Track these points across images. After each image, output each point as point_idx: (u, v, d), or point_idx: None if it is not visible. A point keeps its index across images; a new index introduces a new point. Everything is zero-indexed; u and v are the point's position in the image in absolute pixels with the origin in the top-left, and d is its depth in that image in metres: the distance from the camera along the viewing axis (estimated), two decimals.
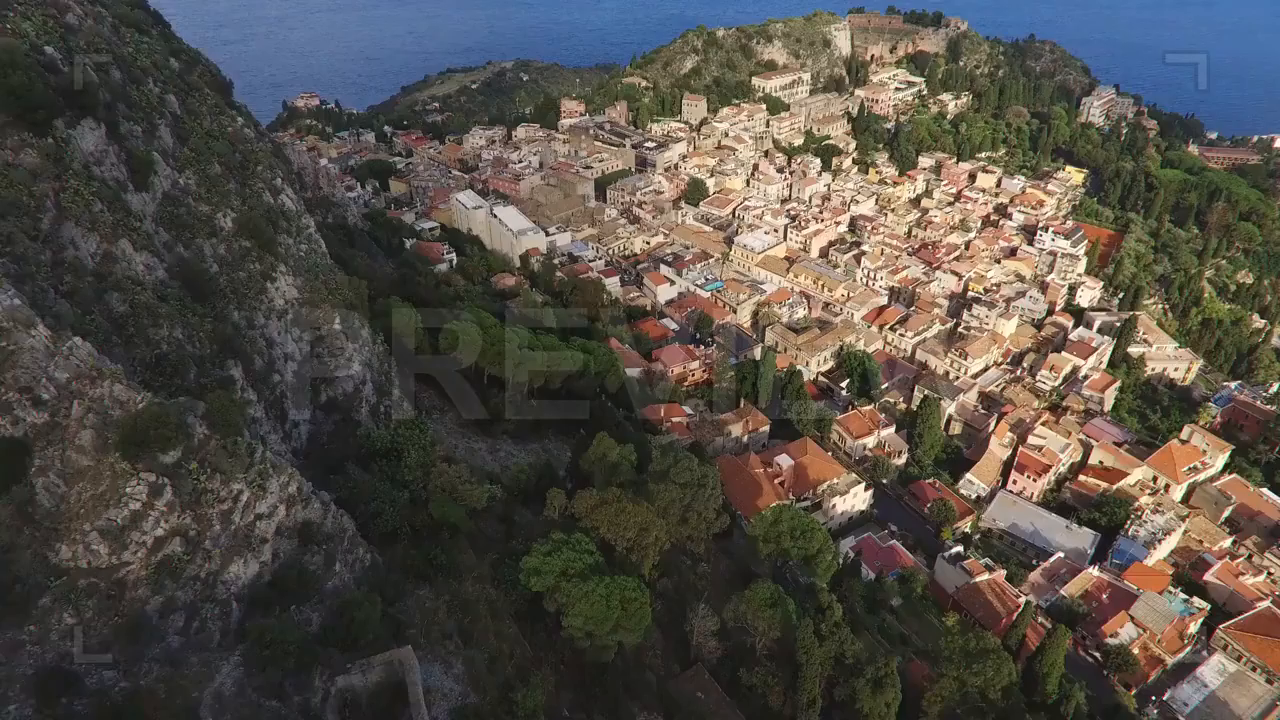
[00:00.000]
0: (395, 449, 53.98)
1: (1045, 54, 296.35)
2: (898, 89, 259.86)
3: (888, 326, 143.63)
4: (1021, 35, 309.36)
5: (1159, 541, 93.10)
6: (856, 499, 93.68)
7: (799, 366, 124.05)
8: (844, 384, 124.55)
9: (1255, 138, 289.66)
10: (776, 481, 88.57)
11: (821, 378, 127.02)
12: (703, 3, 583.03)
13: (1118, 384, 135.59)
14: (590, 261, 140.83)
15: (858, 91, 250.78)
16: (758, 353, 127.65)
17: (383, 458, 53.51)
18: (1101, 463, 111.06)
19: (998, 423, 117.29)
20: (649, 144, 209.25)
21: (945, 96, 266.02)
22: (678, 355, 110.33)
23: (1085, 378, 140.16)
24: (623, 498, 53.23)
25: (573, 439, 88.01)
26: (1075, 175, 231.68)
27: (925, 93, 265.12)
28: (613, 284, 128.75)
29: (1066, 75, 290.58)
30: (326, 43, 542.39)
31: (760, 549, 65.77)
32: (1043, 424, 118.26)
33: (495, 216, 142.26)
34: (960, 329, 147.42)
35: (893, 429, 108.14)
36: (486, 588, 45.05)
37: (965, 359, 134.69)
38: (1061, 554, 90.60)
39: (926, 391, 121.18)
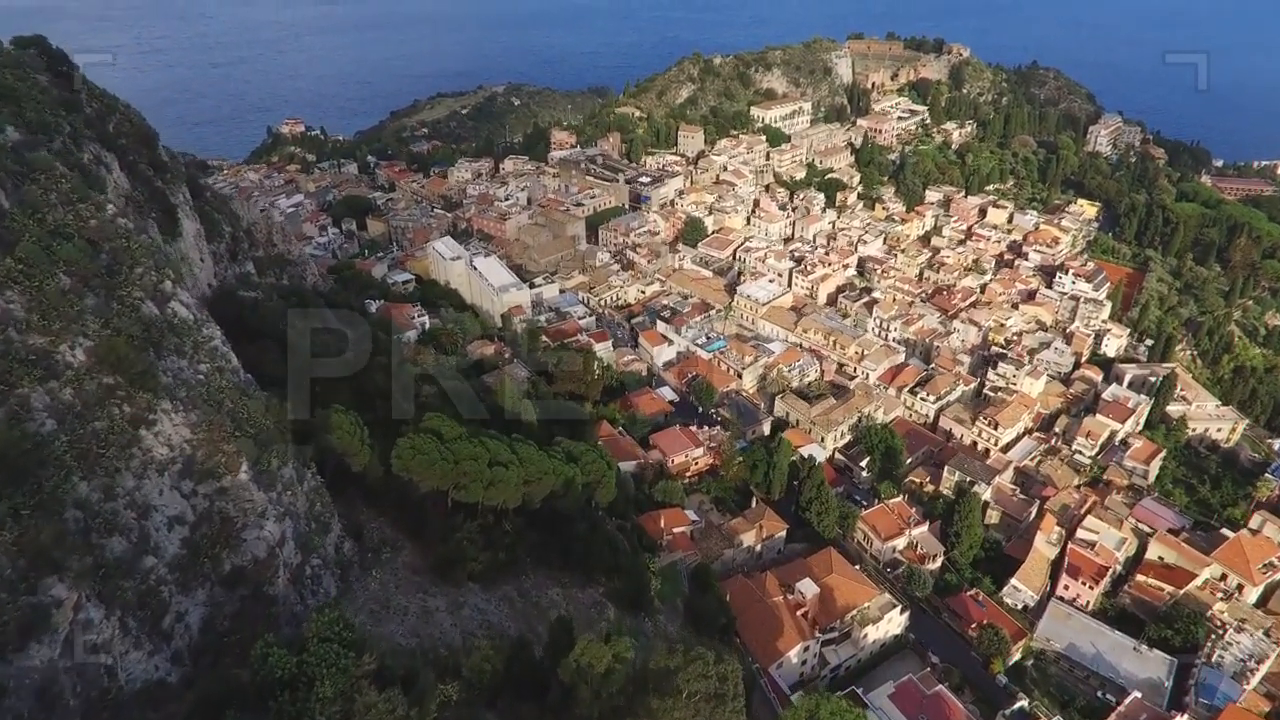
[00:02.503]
0: (304, 676, 37.87)
1: (1049, 81, 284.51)
2: (900, 118, 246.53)
3: (907, 389, 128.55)
4: (1023, 61, 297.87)
5: (1250, 672, 77.81)
6: (891, 624, 78.06)
7: (814, 444, 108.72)
8: (864, 463, 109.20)
9: (1258, 164, 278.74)
10: (799, 614, 72.89)
11: (839, 455, 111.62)
12: (696, 26, 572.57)
13: (1163, 453, 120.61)
14: (580, 319, 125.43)
15: (860, 121, 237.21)
16: (766, 427, 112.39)
17: (286, 689, 37.44)
18: (1161, 558, 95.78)
19: (1039, 511, 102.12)
20: (643, 179, 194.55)
21: (949, 125, 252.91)
22: (678, 442, 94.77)
23: (1124, 442, 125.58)
24: None
25: (555, 570, 72.56)
26: (1088, 209, 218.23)
27: (929, 121, 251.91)
28: (604, 349, 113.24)
29: (1071, 102, 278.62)
30: (317, 66, 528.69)
31: None
32: (1088, 508, 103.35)
33: (475, 269, 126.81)
34: (985, 390, 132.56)
35: (924, 527, 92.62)
36: None
37: (996, 428, 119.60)
38: (1136, 692, 75.03)
39: (958, 473, 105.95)
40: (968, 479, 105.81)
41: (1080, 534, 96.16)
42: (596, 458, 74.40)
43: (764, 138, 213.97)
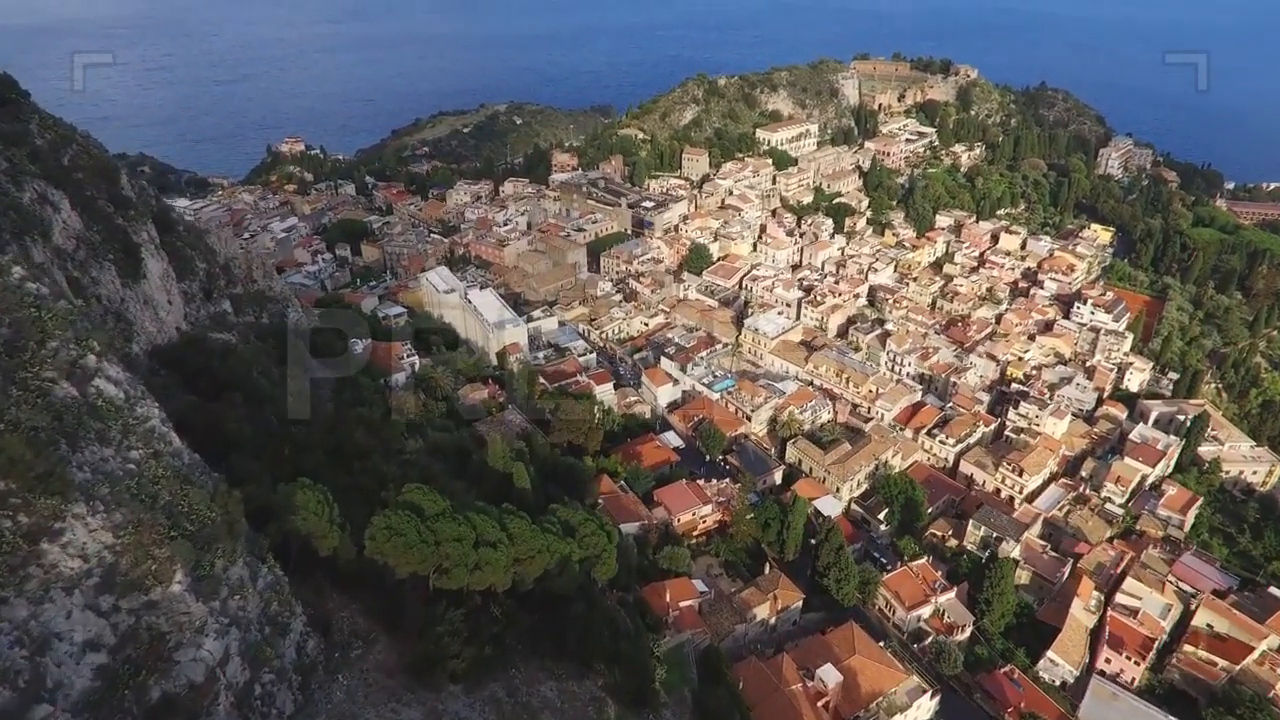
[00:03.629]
0: None
1: (1058, 103, 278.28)
2: (908, 140, 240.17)
3: (925, 431, 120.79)
4: (1030, 83, 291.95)
5: None
6: (920, 711, 69.91)
7: (829, 496, 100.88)
8: (882, 515, 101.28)
9: (1268, 185, 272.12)
10: (820, 704, 64.83)
11: (855, 506, 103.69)
12: (699, 45, 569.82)
13: (1199, 502, 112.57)
14: (580, 356, 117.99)
15: (868, 144, 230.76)
16: (778, 476, 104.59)
17: None
18: (1210, 626, 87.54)
19: (1073, 570, 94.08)
20: (646, 203, 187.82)
21: (958, 148, 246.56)
22: (685, 498, 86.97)
23: (1155, 488, 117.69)
24: None
25: (549, 660, 64.51)
26: (1102, 234, 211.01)
27: (937, 144, 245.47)
28: (605, 392, 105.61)
29: (1081, 125, 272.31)
30: (320, 84, 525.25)
31: None
32: (1125, 566, 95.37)
33: (469, 302, 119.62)
34: (1006, 432, 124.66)
35: (951, 593, 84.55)
36: None
37: (1020, 475, 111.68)
38: None
39: (984, 528, 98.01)
40: (994, 534, 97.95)
41: (1120, 598, 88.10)
42: (595, 529, 66.54)
43: (770, 161, 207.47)
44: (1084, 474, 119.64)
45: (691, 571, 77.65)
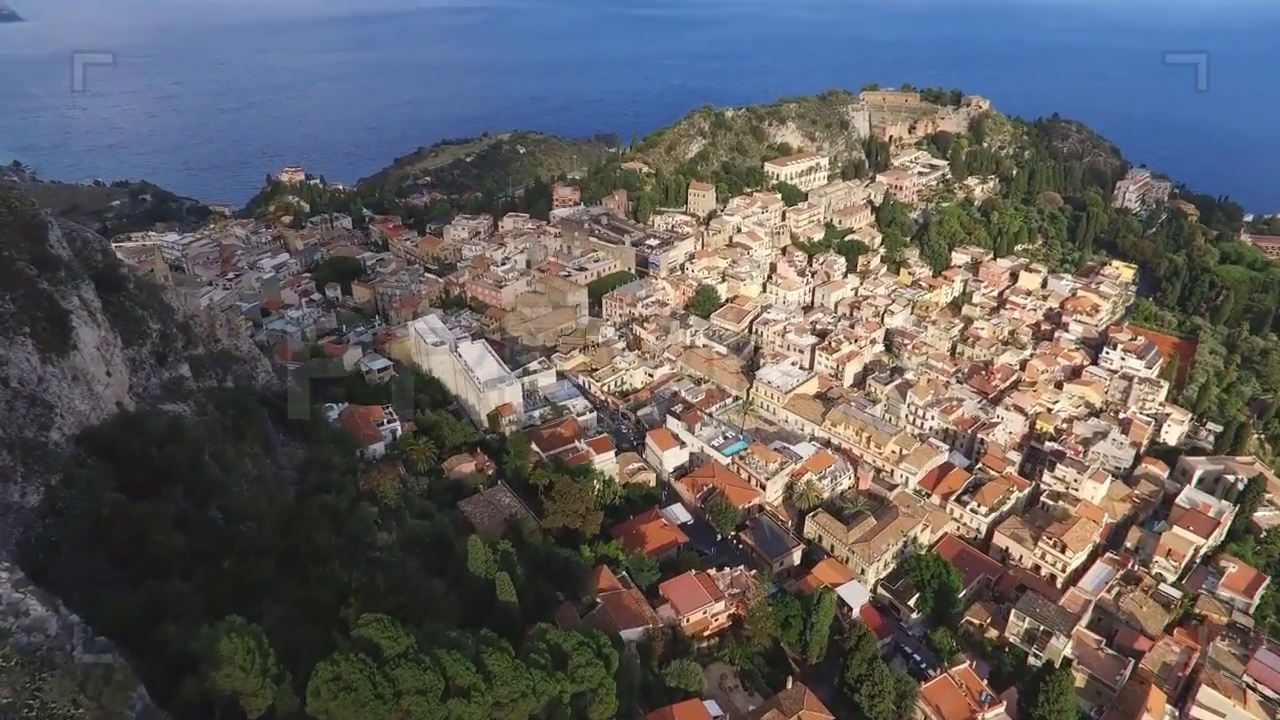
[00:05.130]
0: None
1: (1072, 134, 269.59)
2: (920, 173, 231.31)
3: (954, 497, 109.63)
4: (1042, 114, 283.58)
5: None
6: None
7: (853, 580, 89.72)
8: (913, 600, 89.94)
9: None
10: None
11: (882, 589, 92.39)
12: (704, 74, 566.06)
13: (1265, 582, 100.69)
14: (579, 415, 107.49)
15: (880, 177, 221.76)
16: (797, 556, 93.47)
17: None
18: None
19: (1135, 672, 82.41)
20: (651, 241, 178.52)
21: (971, 181, 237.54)
22: (694, 594, 75.86)
23: (1210, 561, 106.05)
24: None
25: None
26: (1125, 271, 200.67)
27: (950, 177, 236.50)
28: (606, 461, 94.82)
29: (1096, 156, 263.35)
30: (325, 112, 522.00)
31: None
32: (1194, 667, 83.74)
33: (459, 356, 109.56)
34: (1043, 499, 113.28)
35: (1000, 708, 72.93)
36: None
37: (1063, 551, 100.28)
38: None
39: (1028, 619, 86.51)
40: (1040, 627, 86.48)
41: (1195, 712, 76.37)
42: (590, 657, 55.57)
43: (779, 196, 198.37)
44: (1129, 544, 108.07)
45: (704, 689, 66.41)
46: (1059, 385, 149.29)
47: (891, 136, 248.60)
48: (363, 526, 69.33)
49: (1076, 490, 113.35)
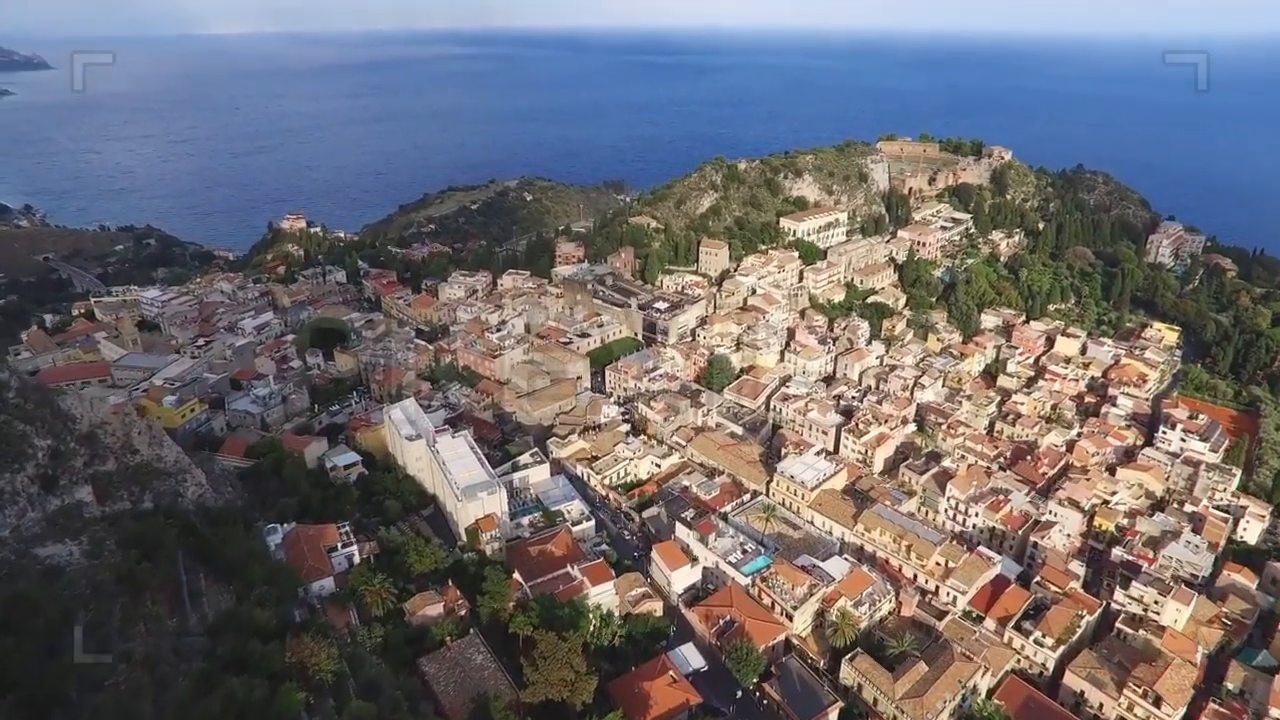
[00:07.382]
0: None
1: (1098, 185, 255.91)
2: (943, 227, 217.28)
3: (1013, 623, 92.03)
4: (1065, 164, 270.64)
5: None
6: None
7: None
8: None
9: None
10: None
11: None
12: (715, 121, 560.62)
13: None
14: (575, 525, 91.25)
15: (901, 233, 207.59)
16: (833, 715, 76.01)
17: None
18: None
19: None
20: (659, 304, 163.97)
21: (996, 235, 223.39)
22: None
23: None
24: None
25: None
26: (1167, 334, 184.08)
27: (974, 231, 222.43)
28: (604, 593, 78.37)
29: (1125, 209, 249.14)
30: (334, 157, 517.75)
31: None
32: None
33: (436, 452, 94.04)
34: (1118, 624, 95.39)
35: None
36: None
37: (1157, 705, 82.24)
38: None
39: None
40: None
41: None
42: None
43: (796, 253, 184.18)
44: (1230, 685, 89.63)
45: None
46: (1111, 470, 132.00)
47: (911, 189, 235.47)
48: (286, 713, 52.78)
49: (1158, 613, 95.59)
